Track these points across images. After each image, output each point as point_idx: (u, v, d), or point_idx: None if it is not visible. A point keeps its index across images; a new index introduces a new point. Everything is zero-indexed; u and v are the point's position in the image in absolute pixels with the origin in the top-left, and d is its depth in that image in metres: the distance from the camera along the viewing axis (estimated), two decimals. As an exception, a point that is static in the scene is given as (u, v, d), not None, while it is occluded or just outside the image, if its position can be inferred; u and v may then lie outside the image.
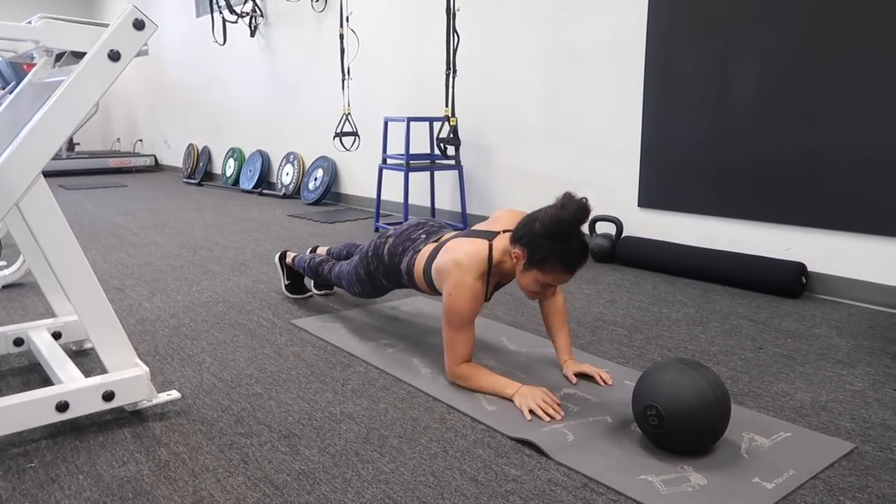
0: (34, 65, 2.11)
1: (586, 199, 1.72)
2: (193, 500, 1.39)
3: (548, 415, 1.73)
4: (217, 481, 1.46)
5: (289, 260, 2.85)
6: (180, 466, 1.52)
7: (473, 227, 2.07)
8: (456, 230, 2.22)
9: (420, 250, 2.12)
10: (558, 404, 1.78)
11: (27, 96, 2.09)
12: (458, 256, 1.88)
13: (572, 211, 1.70)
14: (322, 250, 2.86)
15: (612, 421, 1.72)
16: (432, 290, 2.07)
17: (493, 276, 1.94)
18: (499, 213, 2.07)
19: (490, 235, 1.95)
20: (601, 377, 1.97)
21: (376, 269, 2.26)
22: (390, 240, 2.22)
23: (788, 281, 2.87)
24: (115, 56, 1.64)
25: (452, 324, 1.88)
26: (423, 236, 2.17)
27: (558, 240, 1.73)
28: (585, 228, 1.85)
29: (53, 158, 1.61)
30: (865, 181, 2.74)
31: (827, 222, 2.88)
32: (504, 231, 1.95)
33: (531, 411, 1.75)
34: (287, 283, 2.86)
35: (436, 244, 2.09)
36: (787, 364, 2.14)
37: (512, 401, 1.82)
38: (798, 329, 2.48)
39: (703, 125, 3.24)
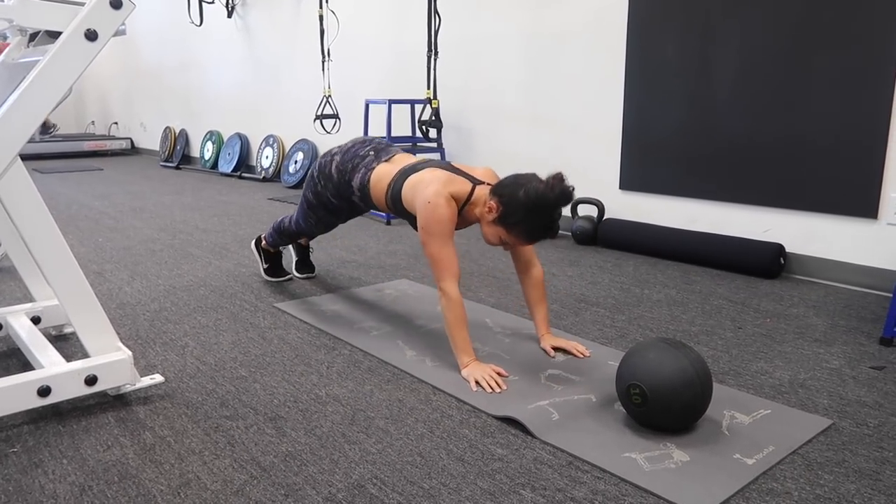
0: (7, 45, 2.06)
1: (573, 188, 1.83)
2: (180, 482, 1.39)
3: (490, 387, 1.79)
4: (203, 464, 1.45)
5: (264, 243, 2.83)
6: (166, 450, 1.51)
7: (454, 164, 2.13)
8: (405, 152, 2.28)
9: (373, 168, 2.18)
10: (504, 378, 1.86)
11: (1, 77, 2.04)
12: (444, 179, 1.95)
13: (556, 193, 1.80)
14: None
15: (597, 400, 1.75)
16: (391, 208, 2.12)
17: (460, 217, 1.99)
18: (479, 168, 2.12)
19: (473, 181, 2.01)
20: (577, 350, 2.04)
21: (324, 188, 2.30)
22: (336, 157, 2.28)
23: (767, 262, 2.91)
24: (91, 36, 1.61)
25: (435, 234, 1.89)
26: (372, 153, 2.23)
27: (533, 213, 1.81)
28: (567, 211, 1.90)
29: (27, 142, 1.58)
30: (842, 164, 2.78)
31: (805, 204, 2.92)
32: (486, 183, 2.02)
33: (476, 382, 1.82)
34: (266, 266, 2.85)
35: (389, 163, 2.16)
36: (765, 343, 2.18)
37: (461, 370, 1.88)
38: (776, 309, 2.52)
39: (684, 108, 3.26)
